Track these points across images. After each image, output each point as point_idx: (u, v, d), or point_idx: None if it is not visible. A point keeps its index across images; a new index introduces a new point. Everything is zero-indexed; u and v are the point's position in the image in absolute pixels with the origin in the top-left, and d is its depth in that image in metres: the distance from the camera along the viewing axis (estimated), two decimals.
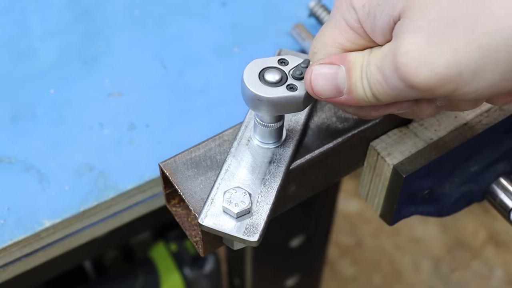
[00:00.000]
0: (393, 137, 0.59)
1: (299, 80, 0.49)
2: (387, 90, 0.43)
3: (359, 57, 0.45)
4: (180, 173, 0.53)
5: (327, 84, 0.46)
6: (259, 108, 0.49)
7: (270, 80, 0.48)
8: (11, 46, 0.73)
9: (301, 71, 0.49)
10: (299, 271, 1.03)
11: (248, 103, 0.49)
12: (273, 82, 0.48)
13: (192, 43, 0.74)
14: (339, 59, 0.46)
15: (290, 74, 0.49)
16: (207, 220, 0.49)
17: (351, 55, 0.46)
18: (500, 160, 0.63)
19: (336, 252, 1.74)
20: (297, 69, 0.49)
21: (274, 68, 0.49)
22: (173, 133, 0.67)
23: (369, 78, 0.44)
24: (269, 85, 0.48)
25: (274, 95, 0.48)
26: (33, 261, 0.63)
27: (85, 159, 0.65)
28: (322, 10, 0.71)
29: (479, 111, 0.60)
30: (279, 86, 0.48)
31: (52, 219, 0.61)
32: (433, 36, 0.40)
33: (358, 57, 0.45)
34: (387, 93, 0.43)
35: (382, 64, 0.42)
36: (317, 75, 0.46)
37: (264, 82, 0.48)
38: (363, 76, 0.44)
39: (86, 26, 0.75)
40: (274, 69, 0.49)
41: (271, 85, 0.48)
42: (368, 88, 0.44)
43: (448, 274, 1.72)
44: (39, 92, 0.69)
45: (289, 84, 0.48)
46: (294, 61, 0.50)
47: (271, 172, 0.52)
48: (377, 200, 0.61)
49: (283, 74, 0.49)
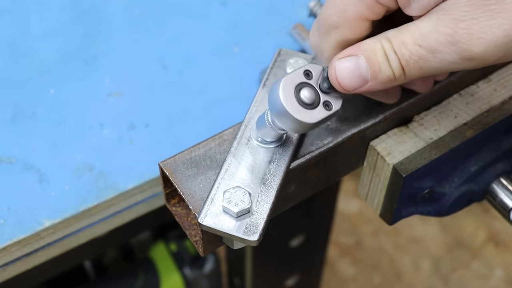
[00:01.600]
0: (393, 136, 0.59)
1: (328, 94, 0.49)
2: (434, 64, 0.45)
3: (376, 43, 0.47)
4: (180, 172, 0.53)
5: (352, 76, 0.48)
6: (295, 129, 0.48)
7: (307, 102, 0.47)
8: (11, 46, 0.73)
9: (328, 84, 0.49)
10: (299, 271, 1.03)
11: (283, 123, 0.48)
12: (310, 104, 0.48)
13: (192, 43, 0.74)
14: (356, 50, 0.47)
15: (318, 87, 0.49)
16: (207, 219, 0.49)
17: (366, 44, 0.47)
18: (500, 160, 0.63)
19: (336, 252, 1.74)
20: (323, 81, 0.49)
21: (307, 86, 0.48)
22: (173, 133, 0.67)
23: (403, 57, 0.46)
24: (308, 108, 0.47)
25: (317, 119, 0.47)
26: (33, 261, 0.63)
27: (85, 159, 0.65)
28: None
29: (479, 111, 0.60)
30: (316, 107, 0.48)
31: (52, 219, 0.61)
32: (489, 7, 0.43)
33: (375, 44, 0.47)
34: (430, 68, 0.46)
35: (429, 42, 0.44)
36: (341, 70, 0.48)
37: (302, 104, 0.47)
38: (390, 59, 0.46)
39: (86, 26, 0.75)
40: (307, 87, 0.48)
41: (310, 107, 0.48)
42: (398, 69, 0.46)
43: (448, 274, 1.72)
44: (39, 92, 0.69)
45: (324, 101, 0.48)
46: (316, 70, 0.49)
47: (271, 171, 0.52)
48: (377, 199, 0.61)
49: (315, 92, 0.48)
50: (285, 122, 0.48)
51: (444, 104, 0.61)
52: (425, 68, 0.46)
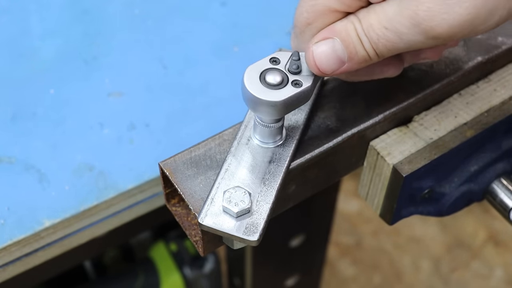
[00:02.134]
0: (393, 136, 0.59)
1: (298, 74, 0.49)
2: (401, 45, 0.46)
3: (348, 25, 0.47)
4: (180, 172, 0.53)
5: (329, 59, 0.48)
6: (270, 113, 0.49)
7: (273, 82, 0.48)
8: (11, 46, 0.73)
9: (297, 64, 0.49)
10: (299, 271, 1.03)
11: (259, 110, 0.49)
12: (277, 84, 0.48)
13: (192, 43, 0.74)
14: (330, 33, 0.48)
15: (287, 70, 0.49)
16: (207, 219, 0.49)
17: (339, 26, 0.48)
18: (500, 160, 0.63)
19: (336, 252, 1.74)
20: (291, 63, 0.50)
21: (272, 70, 0.49)
22: (173, 132, 0.67)
23: (372, 40, 0.46)
24: (275, 88, 0.48)
25: (286, 96, 0.48)
26: (33, 261, 0.63)
27: (85, 159, 0.65)
28: None
29: (479, 111, 0.60)
30: (284, 86, 0.48)
31: (52, 219, 0.61)
32: None
33: (347, 25, 0.47)
34: (398, 49, 0.46)
35: (394, 24, 0.45)
36: (319, 55, 0.48)
37: (268, 86, 0.48)
38: (362, 40, 0.47)
39: (86, 26, 0.75)
40: (272, 70, 0.49)
41: (276, 87, 0.48)
42: (371, 50, 0.47)
43: (448, 274, 1.72)
44: (39, 92, 0.69)
45: (293, 81, 0.49)
46: (284, 57, 0.50)
47: (271, 171, 0.52)
48: (377, 199, 0.61)
49: (282, 73, 0.49)
50: (258, 108, 0.49)
51: (444, 104, 0.61)
52: (393, 49, 0.47)
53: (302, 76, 0.49)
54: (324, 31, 0.49)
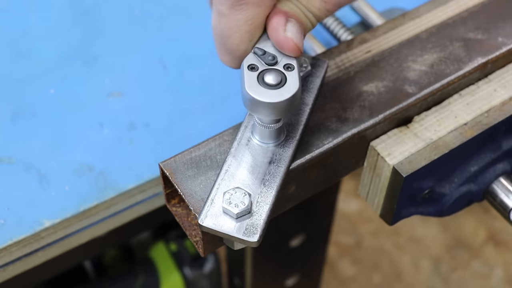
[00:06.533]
0: (393, 137, 0.59)
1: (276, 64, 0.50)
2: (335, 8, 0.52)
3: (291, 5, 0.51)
4: (180, 173, 0.53)
5: (299, 38, 0.51)
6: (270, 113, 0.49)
7: (273, 83, 0.48)
8: (11, 46, 0.73)
9: (272, 56, 0.50)
10: (299, 271, 1.03)
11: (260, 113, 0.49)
12: (276, 84, 0.48)
13: (192, 43, 0.74)
14: (284, 14, 0.51)
15: (264, 64, 0.50)
16: (207, 220, 0.49)
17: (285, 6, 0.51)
18: (500, 160, 0.63)
19: (336, 252, 1.74)
20: (266, 57, 0.50)
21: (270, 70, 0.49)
22: (173, 133, 0.67)
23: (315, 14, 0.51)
24: (275, 88, 0.48)
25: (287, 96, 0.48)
26: (33, 261, 0.63)
27: (85, 159, 0.65)
28: None
29: (479, 111, 0.60)
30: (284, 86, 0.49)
31: (52, 219, 0.61)
32: None
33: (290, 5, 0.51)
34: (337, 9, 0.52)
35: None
36: (295, 36, 0.50)
37: (267, 86, 0.48)
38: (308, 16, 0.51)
39: (86, 26, 0.75)
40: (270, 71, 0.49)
41: (276, 87, 0.48)
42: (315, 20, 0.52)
43: (448, 274, 1.72)
44: (39, 92, 0.69)
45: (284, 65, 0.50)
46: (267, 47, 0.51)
47: (271, 172, 0.52)
48: (377, 200, 0.61)
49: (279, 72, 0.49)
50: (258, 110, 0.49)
51: (444, 104, 0.61)
52: (333, 11, 0.52)
53: (279, 65, 0.50)
54: (278, 16, 0.50)
